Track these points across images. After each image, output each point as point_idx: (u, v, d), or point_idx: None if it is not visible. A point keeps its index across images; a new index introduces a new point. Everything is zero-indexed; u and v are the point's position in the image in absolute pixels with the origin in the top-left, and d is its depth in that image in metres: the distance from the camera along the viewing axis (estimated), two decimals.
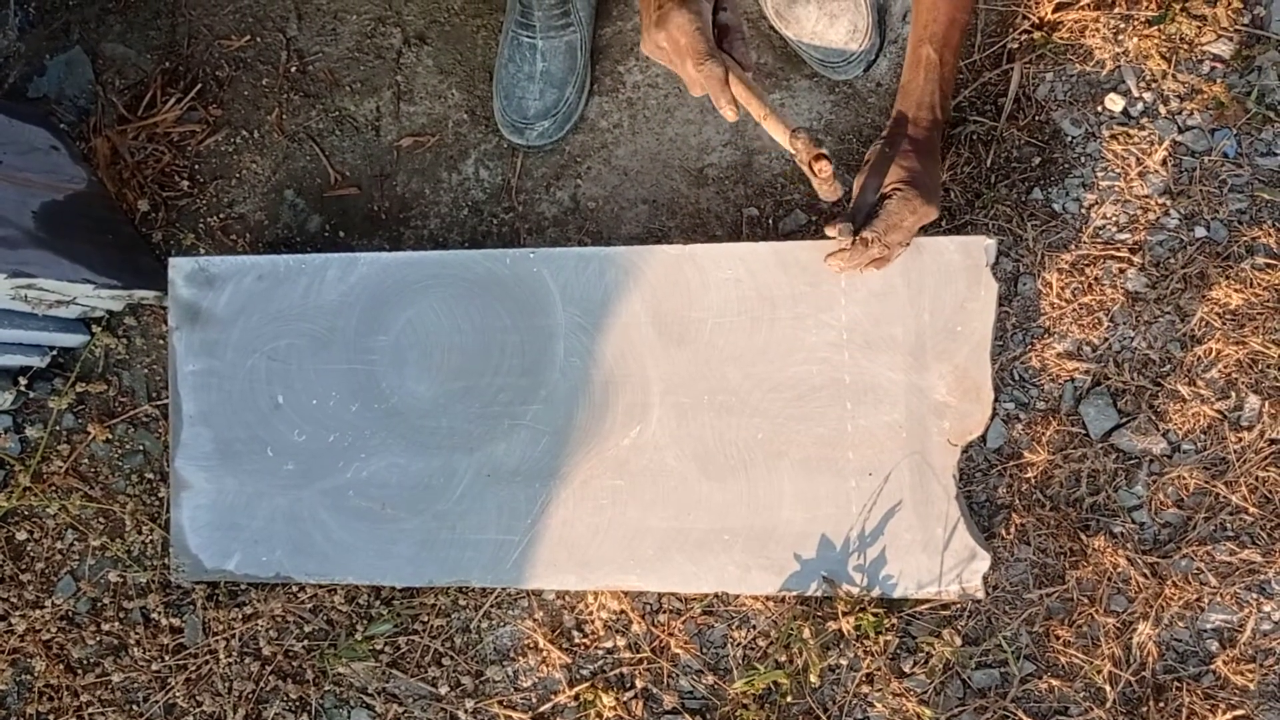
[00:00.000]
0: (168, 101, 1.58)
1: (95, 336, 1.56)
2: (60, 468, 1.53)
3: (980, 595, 1.18)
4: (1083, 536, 1.22)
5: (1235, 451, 1.21)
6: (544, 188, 1.47)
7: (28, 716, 1.46)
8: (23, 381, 1.53)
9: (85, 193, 1.53)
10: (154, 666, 1.45)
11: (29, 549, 1.52)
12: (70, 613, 1.49)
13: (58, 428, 1.55)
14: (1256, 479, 1.20)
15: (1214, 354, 1.24)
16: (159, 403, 1.54)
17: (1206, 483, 1.21)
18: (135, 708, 1.45)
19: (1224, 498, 1.20)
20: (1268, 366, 1.22)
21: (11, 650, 1.49)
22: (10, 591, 1.51)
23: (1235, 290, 1.23)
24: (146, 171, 1.60)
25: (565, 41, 1.43)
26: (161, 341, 1.56)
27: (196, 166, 1.59)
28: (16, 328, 1.45)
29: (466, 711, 1.37)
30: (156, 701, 1.44)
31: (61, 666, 1.48)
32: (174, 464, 1.40)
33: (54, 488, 1.52)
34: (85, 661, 1.47)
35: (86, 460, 1.54)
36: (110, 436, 1.54)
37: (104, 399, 1.56)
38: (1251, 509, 1.20)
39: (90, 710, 1.46)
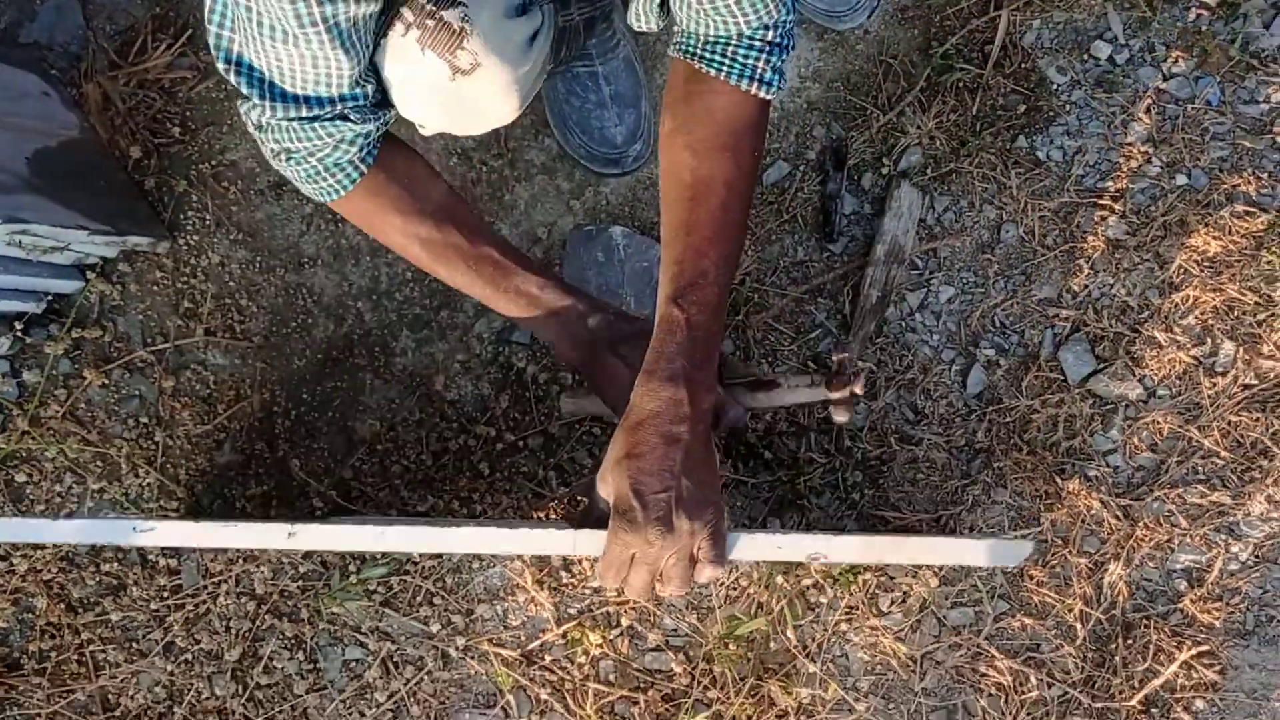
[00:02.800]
0: (158, 47, 1.65)
1: (90, 283, 1.64)
2: (57, 412, 1.62)
3: None
4: (1058, 480, 1.30)
5: (1209, 396, 1.28)
6: (533, 135, 1.53)
7: (30, 653, 1.56)
8: (19, 327, 1.61)
9: (78, 139, 1.60)
10: (152, 606, 1.54)
11: (28, 491, 1.61)
12: (70, 553, 1.59)
13: (54, 373, 1.63)
14: (1229, 423, 1.27)
15: (1191, 300, 1.30)
16: (154, 348, 1.62)
17: (1180, 427, 1.29)
18: (135, 645, 1.55)
19: (1196, 442, 1.28)
20: (1243, 313, 1.29)
21: (13, 590, 1.59)
22: None
23: (1214, 238, 1.29)
24: (138, 118, 1.67)
25: (622, 59, 1.43)
26: (156, 288, 1.64)
27: (188, 113, 1.66)
28: (11, 274, 1.52)
29: (457, 649, 1.46)
30: (155, 640, 1.54)
31: (62, 606, 1.57)
32: None
33: (51, 431, 1.61)
34: (85, 601, 1.57)
35: (83, 405, 1.63)
36: (106, 382, 1.62)
37: (99, 345, 1.64)
38: (1223, 453, 1.27)
39: (91, 648, 1.55)
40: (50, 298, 1.65)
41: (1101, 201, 1.34)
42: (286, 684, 1.51)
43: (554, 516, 1.48)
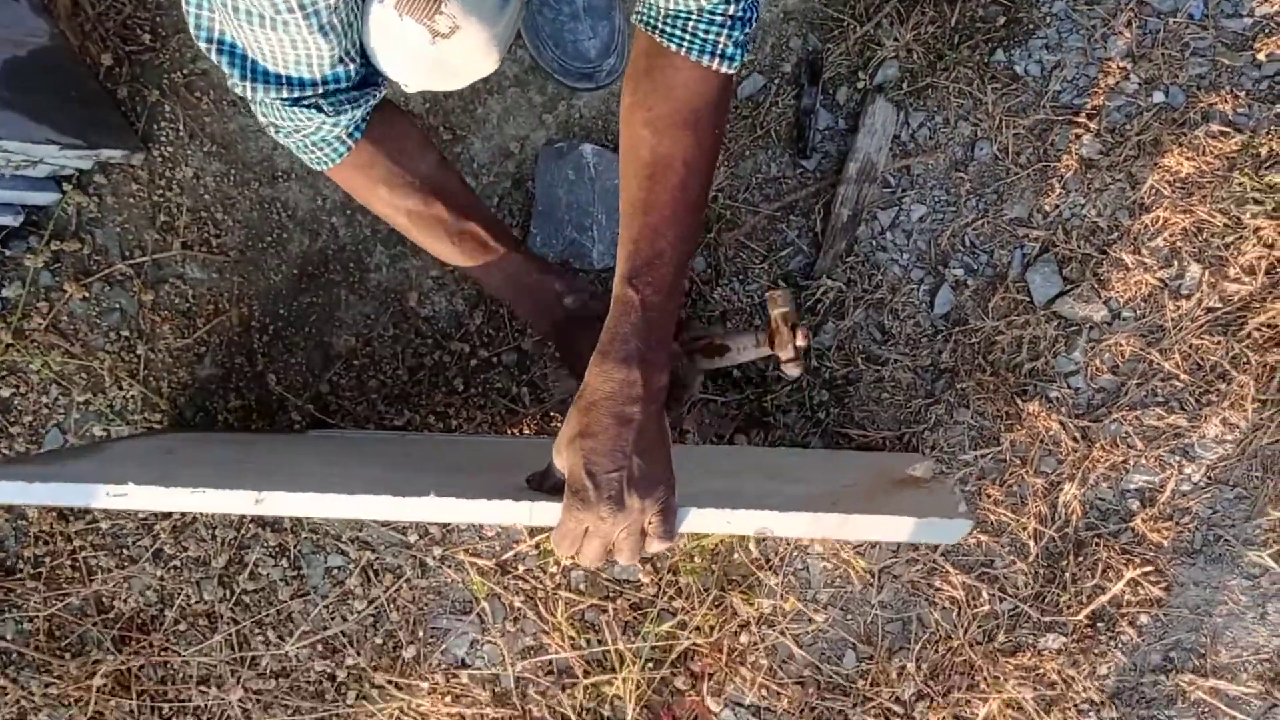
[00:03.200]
0: None
1: (67, 195, 1.65)
2: (40, 325, 1.65)
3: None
4: (1019, 401, 1.32)
5: (1172, 319, 1.29)
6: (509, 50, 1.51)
7: (25, 559, 1.63)
8: None
9: (48, 47, 1.58)
10: (140, 515, 1.60)
11: (16, 403, 1.65)
12: None
13: (35, 285, 1.65)
14: (1190, 346, 1.29)
15: (1160, 222, 1.30)
16: (132, 261, 1.64)
17: (1142, 350, 1.30)
18: (125, 552, 1.61)
19: (1157, 365, 1.29)
20: (1211, 235, 1.29)
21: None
22: (3, 442, 1.65)
23: (1187, 158, 1.29)
24: (108, 23, 1.65)
25: None
26: (132, 200, 1.64)
27: (158, 19, 1.64)
28: None
29: (434, 558, 1.52)
30: (145, 546, 1.60)
31: (54, 514, 1.63)
32: None
33: (35, 344, 1.64)
34: (74, 510, 1.62)
35: (65, 318, 1.66)
36: (87, 295, 1.65)
37: (79, 257, 1.65)
38: (1183, 375, 1.29)
39: (83, 554, 1.62)
40: (27, 210, 1.66)
41: (1077, 119, 1.33)
42: (271, 589, 1.57)
43: (528, 432, 1.51)
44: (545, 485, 1.05)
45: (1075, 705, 1.27)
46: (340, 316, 1.58)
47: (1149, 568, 1.27)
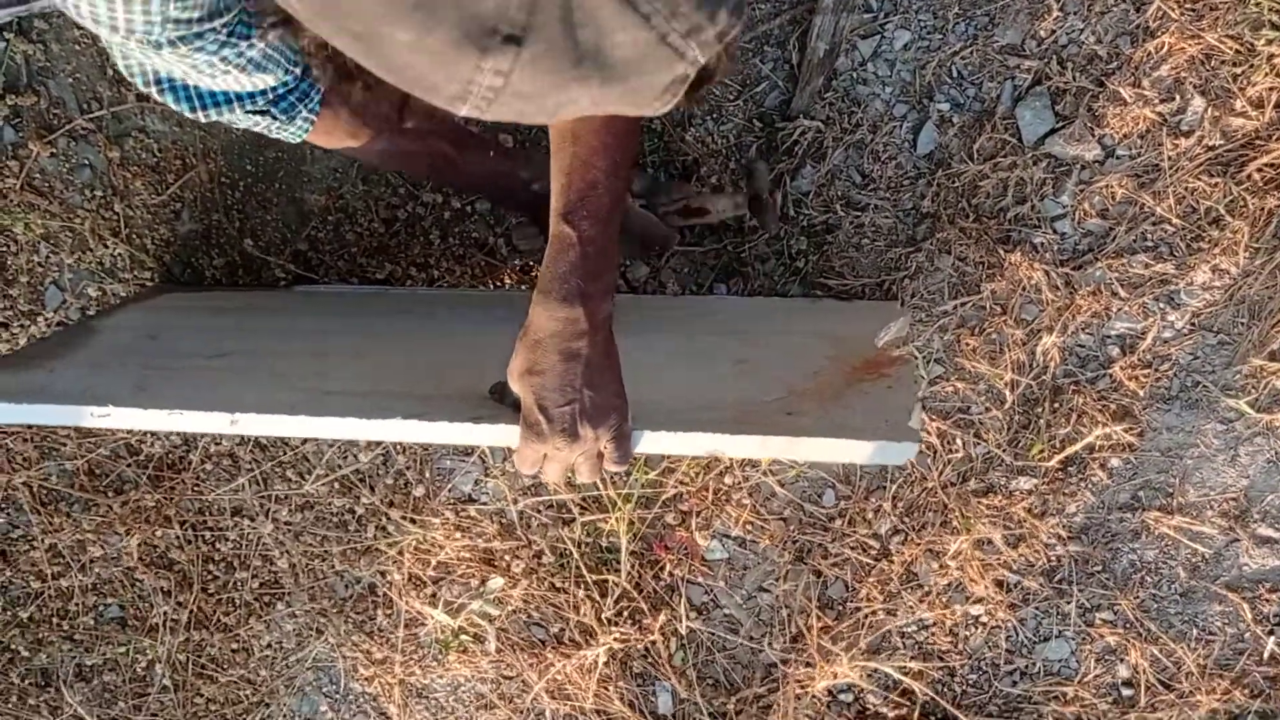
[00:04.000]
0: None
1: (10, 43, 1.59)
2: (14, 184, 1.64)
3: None
4: (1002, 248, 1.29)
5: (1170, 158, 1.22)
6: None
7: None
8: None
9: None
10: None
11: (9, 262, 1.68)
12: (66, 321, 1.69)
13: (2, 141, 1.63)
14: (1185, 189, 1.23)
15: (1165, 49, 1.20)
16: (91, 115, 1.60)
17: (1134, 192, 1.24)
18: None
19: (1149, 208, 1.24)
20: (1220, 63, 1.19)
21: None
22: (5, 303, 1.70)
23: None
24: None
25: None
26: (78, 47, 1.58)
27: None
28: None
29: None
30: None
31: None
32: None
33: (14, 204, 1.65)
34: None
35: (38, 175, 1.64)
36: (54, 151, 1.63)
37: (37, 112, 1.62)
38: (1174, 220, 1.23)
39: None
40: None
41: None
42: (284, 435, 1.66)
43: (508, 283, 1.52)
44: (506, 400, 1.08)
45: (1042, 541, 1.34)
46: (308, 171, 1.54)
47: (1124, 414, 1.29)
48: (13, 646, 1.86)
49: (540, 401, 0.95)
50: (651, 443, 1.03)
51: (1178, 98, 1.21)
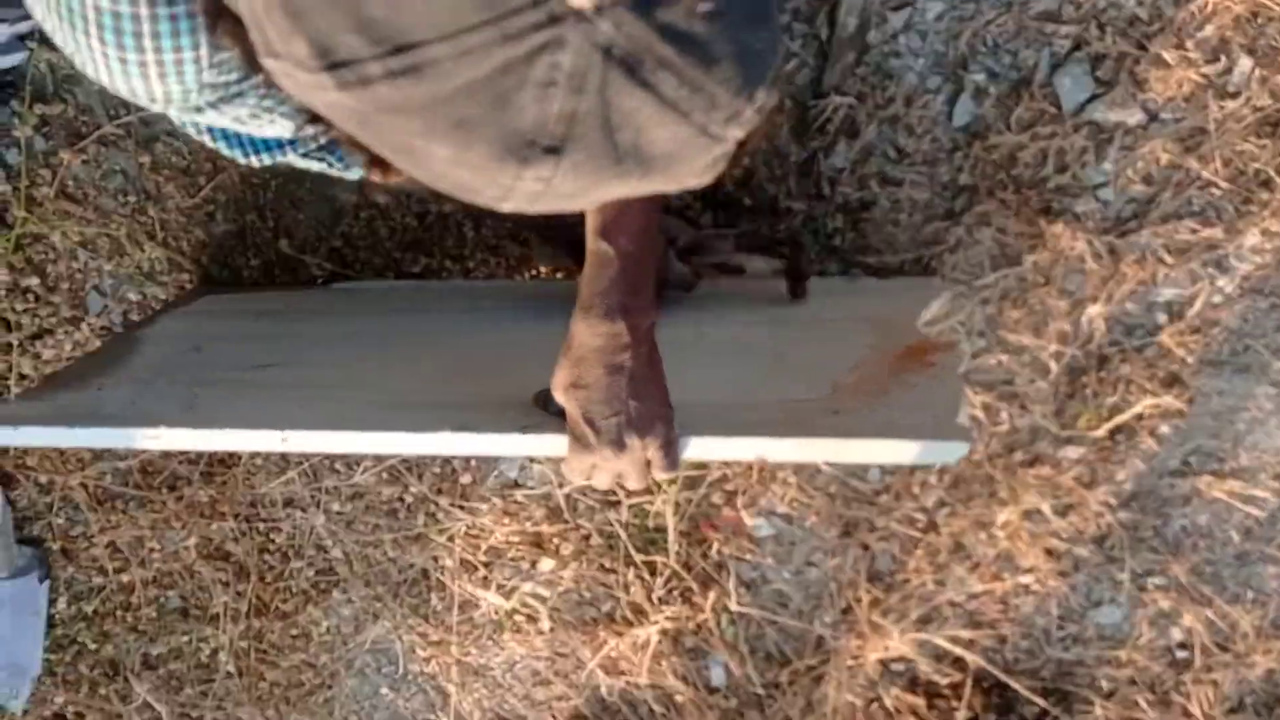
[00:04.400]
0: None
1: (34, 52, 1.59)
2: (49, 193, 1.66)
3: None
4: (1043, 219, 1.27)
5: (1216, 121, 1.20)
6: None
7: None
8: None
9: None
10: None
11: (49, 270, 1.70)
12: (109, 326, 1.72)
13: (33, 152, 1.65)
14: (1233, 152, 1.20)
15: (1210, 9, 1.17)
16: (119, 121, 1.61)
17: (1179, 156, 1.22)
18: None
19: (1195, 172, 1.22)
20: (1268, 20, 1.16)
21: (67, 357, 1.75)
22: (48, 310, 1.72)
23: None
24: None
25: None
26: None
27: None
28: None
29: None
30: None
31: None
32: None
33: (50, 213, 1.66)
34: None
35: (71, 183, 1.66)
36: (86, 158, 1.64)
37: (66, 120, 1.63)
38: (1222, 183, 1.21)
39: None
40: (1, 76, 1.61)
41: None
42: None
43: (542, 274, 1.52)
44: (551, 408, 1.09)
45: (1092, 509, 1.34)
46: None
47: (1173, 380, 1.28)
48: (80, 639, 1.92)
49: (586, 414, 0.96)
50: (698, 449, 1.04)
51: (1223, 58, 1.18)
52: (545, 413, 1.09)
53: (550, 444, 1.06)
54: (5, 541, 1.85)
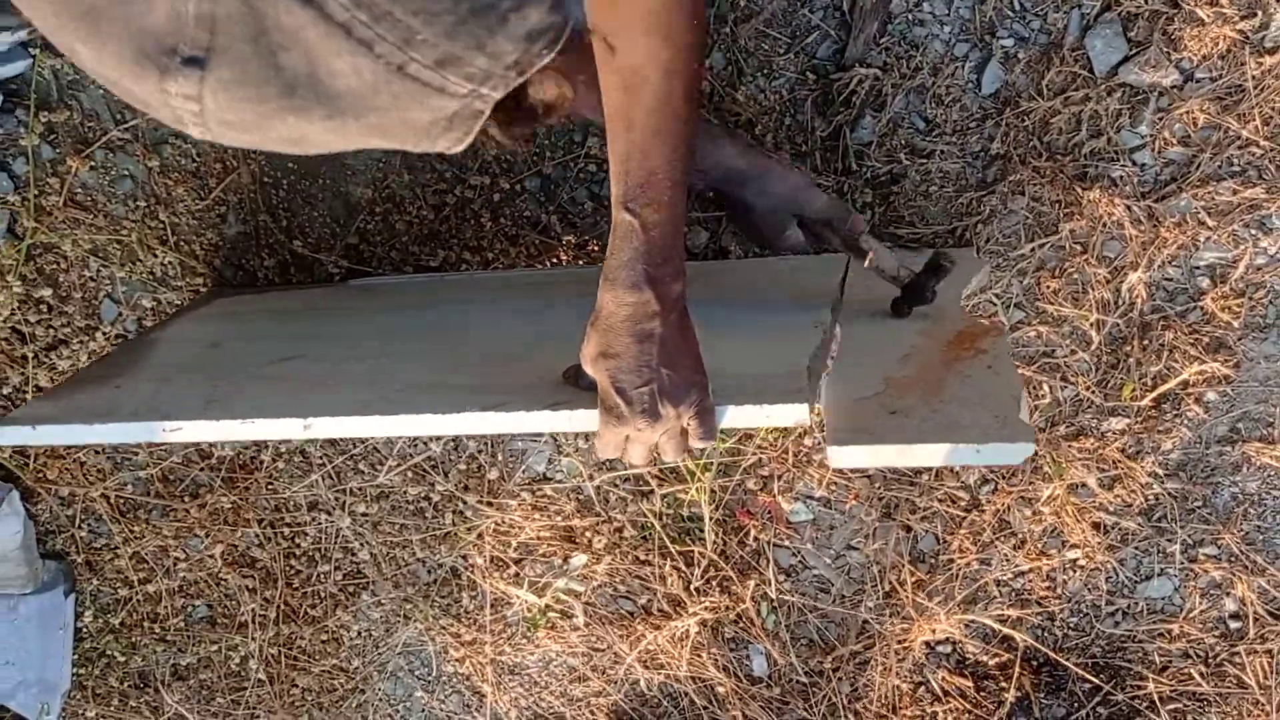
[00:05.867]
0: None
1: (37, 59, 1.58)
2: (58, 202, 1.65)
3: None
4: (1079, 186, 1.25)
5: (1254, 78, 1.18)
6: None
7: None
8: None
9: None
10: None
11: (61, 279, 1.70)
12: (124, 333, 1.71)
13: (40, 160, 1.64)
14: (1273, 109, 1.18)
15: None
16: (126, 125, 1.60)
17: (1217, 115, 1.20)
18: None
19: (1234, 132, 1.19)
20: None
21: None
22: (62, 320, 1.72)
23: None
24: None
25: None
26: None
27: None
28: None
29: None
30: None
31: None
32: None
33: (60, 221, 1.66)
34: None
35: (80, 190, 1.65)
36: (94, 164, 1.63)
37: (72, 126, 1.61)
38: (1262, 141, 1.19)
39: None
40: (4, 84, 1.60)
41: None
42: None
43: (563, 261, 1.50)
44: (581, 383, 1.07)
45: (1139, 481, 1.33)
46: (351, 164, 1.53)
47: (1218, 345, 1.26)
48: (108, 652, 1.92)
49: (617, 384, 0.94)
50: (737, 417, 1.02)
51: (1259, 13, 1.16)
52: (576, 388, 1.07)
53: (581, 419, 1.04)
54: (29, 557, 1.85)
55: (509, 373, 1.16)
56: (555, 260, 1.51)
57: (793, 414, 1.01)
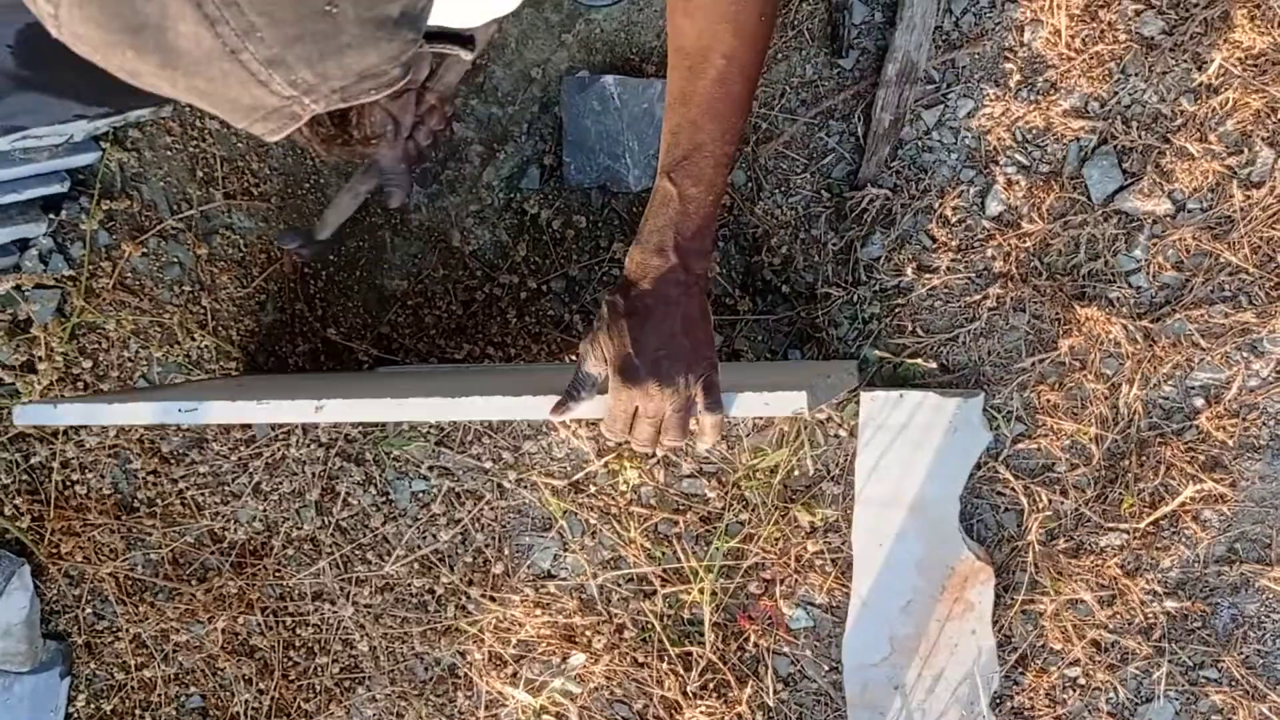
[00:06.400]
0: None
1: (106, 152, 1.70)
2: (108, 284, 1.74)
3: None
4: (1077, 306, 1.31)
5: (1241, 209, 1.25)
6: None
7: (139, 500, 1.79)
8: (52, 214, 1.70)
9: None
10: (233, 457, 1.73)
11: (101, 358, 1.77)
12: None
13: (97, 245, 1.73)
14: (1260, 238, 1.25)
15: (1230, 104, 1.24)
16: (181, 215, 1.70)
17: (1208, 243, 1.27)
18: (226, 489, 1.76)
19: (1224, 259, 1.26)
20: None
21: (110, 446, 1.79)
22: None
23: (1259, 33, 1.20)
24: None
25: None
26: (169, 152, 1.68)
27: None
28: (28, 162, 1.59)
29: (510, 481, 1.62)
30: (244, 484, 1.74)
31: (156, 459, 1.77)
32: None
33: (107, 303, 1.74)
34: (174, 454, 1.76)
35: (129, 275, 1.74)
36: (145, 251, 1.72)
37: (130, 215, 1.72)
38: (1251, 269, 1.26)
39: (189, 493, 1.77)
40: (72, 173, 1.71)
41: None
42: (364, 515, 1.71)
43: None
44: (582, 395, 1.09)
45: (1138, 598, 1.33)
46: (388, 259, 1.62)
47: (1214, 465, 1.30)
48: None
49: (635, 344, 0.98)
50: (741, 405, 1.04)
51: (1246, 150, 1.24)
52: (577, 401, 1.09)
53: (589, 407, 1.07)
54: (31, 634, 1.86)
55: (517, 387, 1.20)
56: (575, 358, 1.57)
57: (791, 402, 1.04)
